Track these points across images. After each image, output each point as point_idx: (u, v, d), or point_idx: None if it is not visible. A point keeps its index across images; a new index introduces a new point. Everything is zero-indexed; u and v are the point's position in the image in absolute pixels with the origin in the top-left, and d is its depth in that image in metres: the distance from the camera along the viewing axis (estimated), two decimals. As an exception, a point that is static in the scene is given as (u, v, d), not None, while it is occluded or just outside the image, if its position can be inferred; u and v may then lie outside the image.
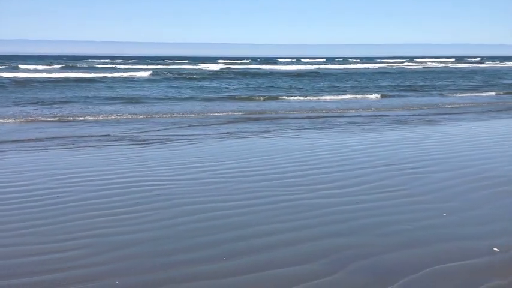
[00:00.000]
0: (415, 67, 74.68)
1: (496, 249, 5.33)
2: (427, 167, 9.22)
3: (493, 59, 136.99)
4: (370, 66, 76.23)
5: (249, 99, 25.67)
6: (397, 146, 11.50)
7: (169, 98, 25.72)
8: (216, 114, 19.09)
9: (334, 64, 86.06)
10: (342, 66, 75.97)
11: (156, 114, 18.65)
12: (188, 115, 18.64)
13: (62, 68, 58.76)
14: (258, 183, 8.15)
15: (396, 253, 5.28)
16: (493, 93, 29.70)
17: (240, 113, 19.38)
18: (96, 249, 5.46)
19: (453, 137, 13.08)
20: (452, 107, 22.29)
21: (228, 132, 14.14)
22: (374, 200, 7.16)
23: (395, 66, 78.71)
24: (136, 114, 18.62)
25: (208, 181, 8.29)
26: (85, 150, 11.32)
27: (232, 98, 25.90)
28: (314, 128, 15.03)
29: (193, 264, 5.04)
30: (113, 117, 17.75)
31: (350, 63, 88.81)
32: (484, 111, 20.26)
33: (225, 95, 27.96)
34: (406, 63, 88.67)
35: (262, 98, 25.79)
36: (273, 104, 23.11)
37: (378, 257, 5.17)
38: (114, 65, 68.23)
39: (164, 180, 8.34)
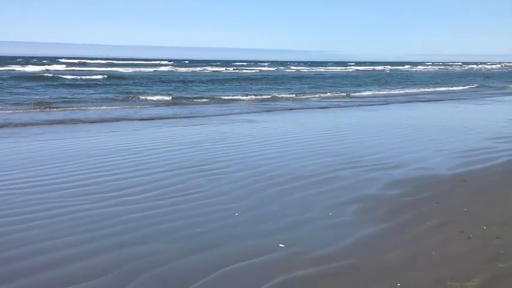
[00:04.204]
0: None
1: (281, 245, 5.56)
2: (225, 167, 9.43)
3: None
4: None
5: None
6: (196, 148, 11.59)
7: None
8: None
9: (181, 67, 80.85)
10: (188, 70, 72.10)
11: None
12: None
13: None
14: (46, 194, 7.49)
15: (188, 258, 5.20)
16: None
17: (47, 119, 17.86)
18: None
19: (250, 137, 13.65)
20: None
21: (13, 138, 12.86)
22: (169, 204, 7.04)
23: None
24: None
25: (-14, 195, 7.36)
26: None
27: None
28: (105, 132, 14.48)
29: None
30: None
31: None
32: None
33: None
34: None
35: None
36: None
37: (170, 264, 5.04)
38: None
39: None
